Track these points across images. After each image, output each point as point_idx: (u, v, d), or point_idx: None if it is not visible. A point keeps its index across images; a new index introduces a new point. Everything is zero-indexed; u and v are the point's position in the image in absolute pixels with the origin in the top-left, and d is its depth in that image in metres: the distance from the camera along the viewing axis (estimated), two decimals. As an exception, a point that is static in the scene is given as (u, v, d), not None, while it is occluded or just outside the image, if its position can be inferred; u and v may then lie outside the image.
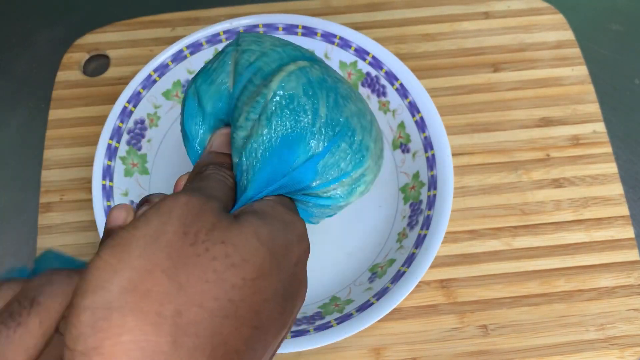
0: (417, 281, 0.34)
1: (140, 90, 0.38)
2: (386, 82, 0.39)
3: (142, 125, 0.39)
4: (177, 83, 0.40)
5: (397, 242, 0.37)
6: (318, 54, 0.40)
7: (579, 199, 0.42)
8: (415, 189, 0.37)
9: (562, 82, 0.45)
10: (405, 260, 0.35)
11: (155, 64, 0.38)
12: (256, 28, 0.39)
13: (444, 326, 0.38)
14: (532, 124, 0.44)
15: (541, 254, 0.40)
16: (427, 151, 0.37)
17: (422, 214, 0.36)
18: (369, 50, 0.39)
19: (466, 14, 0.47)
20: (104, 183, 0.36)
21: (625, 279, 0.40)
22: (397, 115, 0.39)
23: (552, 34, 0.46)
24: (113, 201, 0.36)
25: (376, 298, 0.34)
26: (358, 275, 0.37)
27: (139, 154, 0.39)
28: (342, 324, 0.33)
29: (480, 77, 0.45)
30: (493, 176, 0.42)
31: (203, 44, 0.39)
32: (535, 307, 0.39)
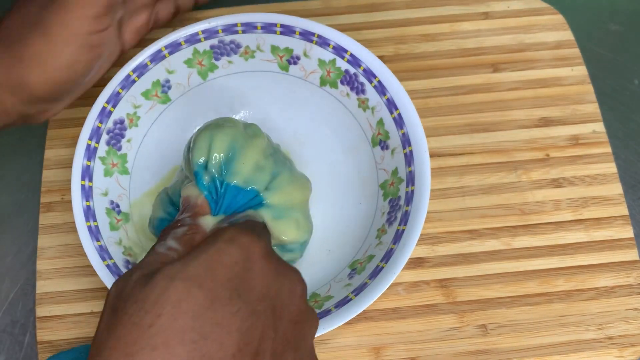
0: (395, 276, 0.34)
1: (119, 90, 0.38)
2: (365, 80, 0.39)
3: (121, 125, 0.39)
4: (156, 83, 0.40)
5: (377, 239, 0.37)
6: (297, 52, 0.40)
7: (578, 198, 0.42)
8: (394, 185, 0.38)
9: (561, 82, 0.45)
10: (384, 256, 0.35)
11: (134, 64, 0.38)
12: (235, 27, 0.39)
13: (443, 326, 0.39)
14: (531, 124, 0.44)
15: (540, 254, 0.40)
16: (405, 147, 0.37)
17: (401, 210, 0.36)
18: (347, 48, 0.39)
19: (466, 14, 0.47)
20: (83, 183, 0.36)
21: (625, 279, 0.40)
22: (376, 112, 0.39)
23: (552, 34, 0.46)
24: (92, 201, 0.36)
25: (355, 294, 0.34)
26: (338, 272, 0.37)
27: (118, 154, 0.39)
28: (321, 320, 0.33)
29: (479, 77, 0.45)
30: (492, 176, 0.42)
31: (182, 44, 0.39)
32: (535, 307, 0.39)
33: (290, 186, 0.34)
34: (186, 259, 0.23)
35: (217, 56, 0.41)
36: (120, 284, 0.23)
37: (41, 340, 0.38)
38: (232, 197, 0.32)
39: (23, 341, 0.39)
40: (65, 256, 0.40)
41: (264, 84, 0.42)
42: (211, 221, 0.30)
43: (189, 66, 0.41)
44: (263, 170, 0.33)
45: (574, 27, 0.47)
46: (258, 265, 0.24)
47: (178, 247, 0.26)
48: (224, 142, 0.32)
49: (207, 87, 0.42)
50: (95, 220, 0.36)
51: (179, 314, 0.21)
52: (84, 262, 0.39)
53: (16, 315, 0.39)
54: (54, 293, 0.39)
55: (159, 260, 0.25)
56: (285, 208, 0.34)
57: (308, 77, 0.41)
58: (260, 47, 0.41)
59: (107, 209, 0.38)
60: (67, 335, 0.38)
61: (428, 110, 0.44)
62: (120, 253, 0.36)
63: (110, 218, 0.37)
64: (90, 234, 0.36)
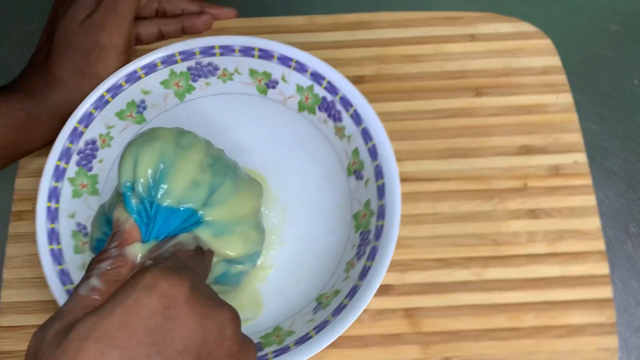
0: (357, 315, 0.33)
1: (92, 110, 0.38)
2: (341, 108, 0.38)
3: (93, 146, 0.39)
4: (131, 103, 0.40)
5: (345, 272, 0.36)
6: (275, 77, 0.40)
7: (554, 231, 0.41)
8: (366, 217, 0.37)
9: (545, 109, 0.44)
10: (349, 292, 0.34)
11: (108, 85, 0.38)
12: (212, 49, 0.39)
13: (407, 356, 0.38)
14: (511, 152, 0.43)
15: (512, 287, 0.39)
16: (378, 180, 0.36)
17: (370, 245, 0.35)
18: (324, 75, 0.38)
19: (452, 35, 0.46)
20: (49, 205, 0.36)
21: (597, 317, 0.39)
22: (352, 141, 0.38)
23: (539, 59, 0.45)
24: (58, 223, 0.36)
25: (316, 331, 0.33)
26: (304, 305, 0.37)
27: (89, 175, 0.39)
28: (279, 357, 0.32)
29: (461, 102, 0.44)
30: (467, 204, 0.41)
31: (158, 65, 0.39)
32: (502, 342, 0.38)
33: (234, 197, 0.32)
34: (101, 313, 0.22)
35: (195, 77, 0.41)
36: (37, 338, 0.22)
37: (1, 350, 0.38)
38: (164, 219, 0.29)
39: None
40: (31, 266, 0.40)
41: (243, 106, 0.41)
42: (139, 250, 0.28)
43: (165, 87, 0.41)
44: (199, 185, 0.30)
45: (575, 27, 0.46)
46: (180, 313, 0.23)
47: (102, 287, 0.25)
48: (151, 159, 0.30)
49: (184, 108, 0.42)
50: (59, 243, 0.36)
51: None
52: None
53: None
54: (17, 303, 0.39)
55: (80, 306, 0.24)
56: (229, 222, 0.31)
57: (287, 101, 0.41)
58: (238, 70, 0.40)
59: (74, 232, 0.37)
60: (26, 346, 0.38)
61: (406, 133, 0.43)
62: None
63: (76, 241, 0.37)
64: (52, 257, 0.35)
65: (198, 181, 0.30)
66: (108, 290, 0.25)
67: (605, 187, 0.43)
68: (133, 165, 0.30)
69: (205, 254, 0.30)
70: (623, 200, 0.42)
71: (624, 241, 0.42)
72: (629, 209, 0.41)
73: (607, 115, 0.44)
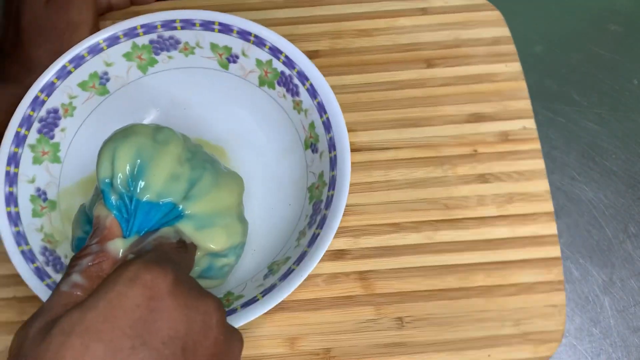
0: (302, 279, 0.34)
1: (55, 80, 0.39)
2: (298, 82, 0.39)
3: (55, 115, 0.39)
4: (94, 74, 0.40)
5: (297, 241, 0.37)
6: (235, 51, 0.41)
7: (504, 194, 0.42)
8: (319, 188, 0.38)
9: (495, 78, 0.45)
10: (297, 259, 0.35)
11: (70, 56, 0.39)
12: (173, 23, 0.40)
13: (360, 317, 0.39)
14: (461, 120, 0.44)
15: (462, 249, 0.40)
16: (331, 151, 0.37)
17: (320, 214, 0.36)
18: (282, 49, 0.39)
19: (404, 9, 0.47)
20: (8, 169, 0.37)
21: (546, 275, 0.40)
22: (308, 115, 0.39)
23: (489, 30, 0.46)
24: (16, 187, 0.37)
25: (262, 294, 0.34)
26: (257, 272, 0.37)
27: (51, 142, 0.39)
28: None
29: (413, 73, 0.45)
30: (419, 170, 0.42)
31: (120, 37, 0.40)
32: (453, 302, 0.39)
33: (214, 190, 0.32)
34: (84, 307, 0.22)
35: (157, 51, 0.42)
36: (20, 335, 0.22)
37: (-39, 323, 0.39)
38: (145, 214, 0.29)
39: None
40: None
41: (205, 80, 0.42)
42: (121, 245, 0.28)
43: (128, 59, 0.41)
44: (178, 179, 0.30)
45: (574, 27, 0.47)
46: (164, 304, 0.23)
47: (83, 283, 0.25)
48: (128, 155, 0.30)
49: (147, 81, 0.42)
50: (17, 206, 0.37)
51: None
52: (9, 248, 0.40)
53: None
54: (-23, 277, 0.40)
55: (62, 302, 0.24)
56: (210, 215, 0.31)
57: (247, 76, 0.42)
58: (199, 44, 0.41)
59: (32, 196, 0.38)
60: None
61: (360, 104, 0.44)
62: (39, 239, 0.37)
63: (35, 205, 0.38)
64: (9, 219, 0.36)
65: (177, 175, 0.30)
66: (90, 286, 0.25)
67: (605, 187, 0.44)
68: (111, 161, 0.30)
69: (188, 247, 0.30)
70: (622, 200, 0.43)
71: (623, 241, 0.43)
72: (629, 209, 0.42)
73: (607, 115, 0.45)
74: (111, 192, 0.30)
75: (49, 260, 0.36)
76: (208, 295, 0.25)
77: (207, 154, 0.35)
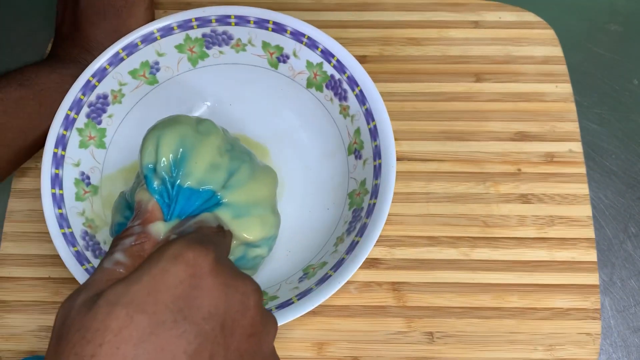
0: (340, 285, 0.34)
1: (107, 66, 0.39)
2: (347, 87, 0.39)
3: (104, 100, 0.40)
4: (145, 63, 0.41)
5: (334, 246, 0.37)
6: (287, 51, 0.40)
7: (545, 217, 0.41)
8: (360, 196, 0.38)
9: (544, 98, 0.44)
10: (334, 265, 0.35)
11: (124, 43, 0.39)
12: (228, 18, 0.40)
13: (391, 328, 0.39)
14: (507, 137, 0.43)
15: (498, 268, 0.40)
16: (376, 160, 0.37)
17: (360, 221, 0.36)
18: (334, 53, 0.39)
19: (455, 21, 0.47)
20: (55, 151, 0.37)
21: (581, 302, 0.39)
22: (354, 121, 0.39)
23: (541, 49, 0.46)
24: (62, 169, 0.37)
25: (298, 298, 0.34)
26: (291, 274, 0.37)
27: (97, 128, 0.40)
28: None
29: (461, 86, 0.45)
30: (460, 185, 0.42)
31: (174, 28, 0.40)
32: (485, 320, 0.39)
33: (251, 181, 0.33)
34: (128, 280, 0.22)
35: (209, 45, 0.42)
36: (66, 307, 0.23)
37: (-2, 299, 0.39)
38: (186, 199, 0.30)
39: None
40: (32, 221, 0.41)
41: (253, 77, 0.42)
42: (162, 228, 0.29)
43: (179, 51, 0.42)
44: (218, 168, 0.31)
45: (574, 27, 0.46)
46: (205, 282, 0.23)
47: (126, 261, 0.26)
48: (172, 142, 0.31)
49: (196, 74, 0.42)
50: (62, 189, 0.37)
51: (121, 342, 0.20)
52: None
53: None
54: (16, 255, 0.40)
55: (105, 279, 0.24)
56: (247, 205, 0.32)
57: (296, 77, 0.41)
58: (251, 41, 0.41)
59: (76, 180, 0.39)
60: (22, 297, 0.39)
61: (404, 113, 0.44)
62: (80, 223, 0.37)
63: (78, 189, 0.38)
64: (53, 200, 0.37)
65: (217, 164, 0.31)
66: (132, 264, 0.26)
67: (605, 187, 0.43)
68: (155, 148, 0.31)
69: (226, 233, 0.31)
70: (622, 200, 0.43)
71: (623, 241, 0.42)
72: (629, 208, 0.41)
73: (607, 115, 0.44)
74: (154, 178, 0.31)
75: (88, 245, 0.36)
76: (246, 277, 0.26)
77: (244, 147, 0.36)
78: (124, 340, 0.21)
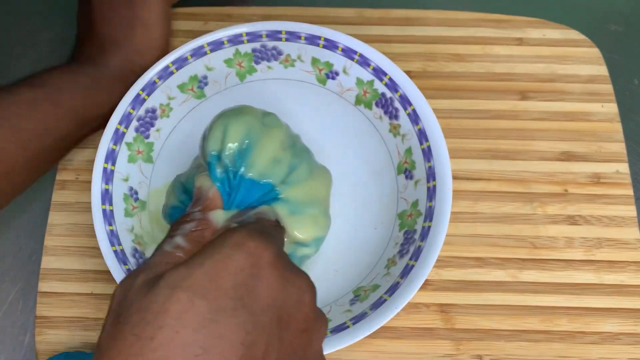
0: (397, 311, 0.33)
1: (156, 80, 0.39)
2: (399, 106, 0.38)
3: (153, 114, 0.39)
4: (194, 77, 0.40)
5: (385, 268, 0.36)
6: (337, 68, 0.40)
7: (592, 238, 0.41)
8: (412, 217, 0.37)
9: (590, 117, 0.44)
10: (389, 289, 0.34)
11: (174, 56, 0.39)
12: (279, 34, 0.39)
13: (439, 351, 0.38)
14: (553, 157, 0.43)
15: (546, 290, 0.39)
16: (430, 181, 0.36)
17: (414, 244, 0.35)
18: (386, 71, 0.38)
19: (499, 37, 0.46)
20: (105, 166, 0.37)
21: (631, 327, 0.39)
22: (405, 140, 0.38)
23: (586, 68, 0.45)
24: (112, 184, 0.37)
25: (352, 322, 0.33)
26: (341, 295, 0.37)
27: (145, 142, 0.39)
28: None
29: (506, 104, 0.44)
30: (507, 205, 0.41)
31: (225, 43, 0.39)
32: (534, 344, 0.38)
33: (309, 179, 0.33)
34: (190, 264, 0.22)
35: (258, 60, 0.41)
36: (125, 286, 0.23)
37: (40, 315, 0.39)
38: (246, 190, 0.31)
39: (23, 341, 0.39)
40: (73, 235, 0.41)
41: (300, 94, 0.42)
42: (222, 216, 0.29)
43: (228, 66, 0.41)
44: (280, 162, 0.32)
45: (574, 27, 0.46)
46: (265, 273, 0.23)
47: (186, 245, 0.26)
48: (239, 132, 0.31)
49: (243, 89, 0.42)
50: (111, 205, 0.37)
51: (181, 326, 0.20)
52: (90, 243, 0.40)
53: (16, 316, 0.39)
54: (57, 270, 0.40)
55: (165, 261, 0.24)
56: (303, 203, 0.32)
57: (344, 93, 0.41)
58: (301, 57, 0.41)
59: (125, 195, 0.38)
60: (64, 312, 0.39)
61: (449, 130, 0.43)
62: (130, 240, 0.36)
63: (127, 204, 0.38)
64: (104, 217, 0.36)
65: (279, 159, 0.32)
66: (191, 249, 0.25)
67: None
68: (221, 136, 0.31)
69: (281, 228, 0.31)
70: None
71: None
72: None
73: None
74: (217, 165, 0.31)
75: (138, 263, 0.36)
76: (303, 273, 0.25)
77: (304, 144, 0.36)
78: (184, 324, 0.20)
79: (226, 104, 0.41)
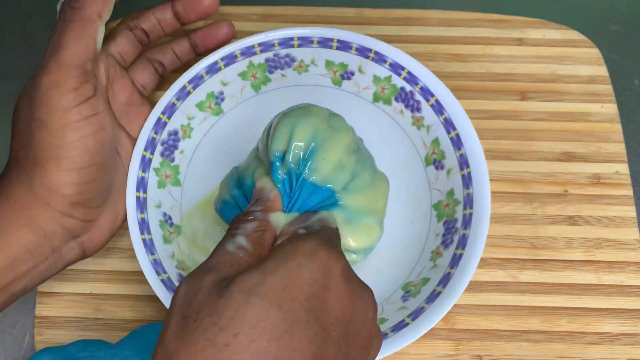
0: (454, 302, 0.33)
1: (175, 101, 0.38)
2: (421, 98, 0.38)
3: (175, 137, 0.39)
4: (210, 94, 0.40)
5: (431, 261, 0.36)
6: (352, 68, 0.40)
7: (592, 239, 0.41)
8: (450, 206, 0.37)
9: (589, 118, 0.44)
10: (441, 280, 0.34)
11: (190, 76, 0.38)
12: (291, 41, 0.39)
13: (438, 351, 0.38)
14: (553, 158, 0.43)
15: (546, 291, 0.39)
16: (463, 169, 0.36)
17: (458, 233, 0.35)
18: (404, 66, 0.38)
19: (499, 38, 0.46)
20: (137, 195, 0.36)
21: (631, 327, 0.39)
22: (431, 132, 0.38)
23: (586, 68, 0.45)
24: (147, 213, 0.36)
25: (411, 318, 0.33)
26: (390, 294, 0.36)
27: (172, 165, 0.38)
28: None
29: (506, 104, 0.44)
30: (507, 206, 0.41)
31: (238, 56, 0.39)
32: (534, 344, 0.38)
33: (369, 188, 0.32)
34: (264, 270, 0.22)
35: (271, 69, 0.41)
36: (192, 285, 0.22)
37: (39, 315, 0.38)
38: (308, 194, 0.30)
39: (23, 341, 0.39)
40: (72, 235, 0.40)
41: (316, 97, 0.41)
42: (282, 219, 0.29)
43: (242, 78, 0.41)
44: (343, 168, 0.31)
45: (574, 27, 0.46)
46: (336, 286, 0.22)
47: (248, 247, 0.25)
48: (306, 134, 0.30)
49: (259, 99, 0.41)
50: (150, 233, 0.35)
51: (256, 335, 0.20)
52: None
53: (16, 316, 0.39)
54: (57, 270, 0.39)
55: (230, 262, 0.24)
56: (361, 212, 0.31)
57: (361, 92, 0.41)
58: (314, 62, 0.40)
59: (161, 222, 0.37)
60: (63, 312, 0.38)
61: (449, 131, 0.43)
62: (174, 267, 0.35)
63: (164, 231, 0.36)
64: (145, 247, 0.35)
65: (343, 164, 0.31)
66: (254, 251, 0.25)
67: None
68: (288, 136, 0.30)
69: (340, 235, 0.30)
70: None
71: None
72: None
73: None
74: (280, 167, 0.30)
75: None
76: (368, 287, 0.25)
77: (367, 149, 0.35)
78: (260, 333, 0.20)
79: (243, 117, 0.41)
